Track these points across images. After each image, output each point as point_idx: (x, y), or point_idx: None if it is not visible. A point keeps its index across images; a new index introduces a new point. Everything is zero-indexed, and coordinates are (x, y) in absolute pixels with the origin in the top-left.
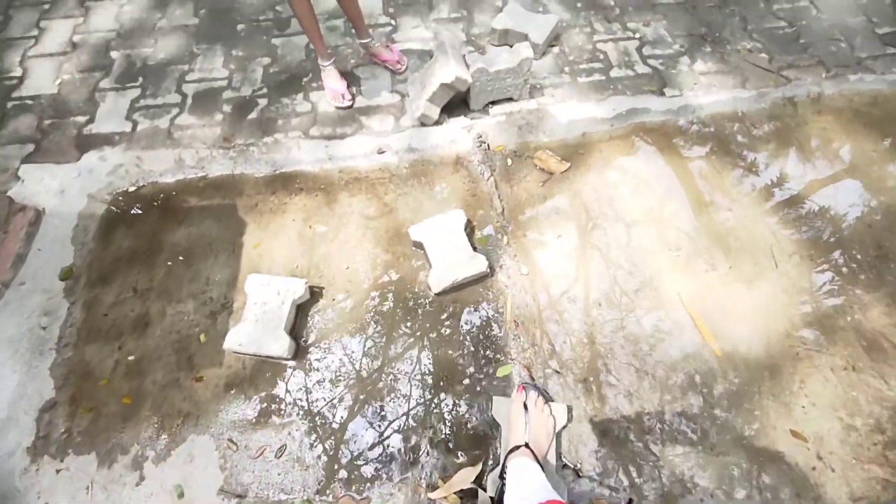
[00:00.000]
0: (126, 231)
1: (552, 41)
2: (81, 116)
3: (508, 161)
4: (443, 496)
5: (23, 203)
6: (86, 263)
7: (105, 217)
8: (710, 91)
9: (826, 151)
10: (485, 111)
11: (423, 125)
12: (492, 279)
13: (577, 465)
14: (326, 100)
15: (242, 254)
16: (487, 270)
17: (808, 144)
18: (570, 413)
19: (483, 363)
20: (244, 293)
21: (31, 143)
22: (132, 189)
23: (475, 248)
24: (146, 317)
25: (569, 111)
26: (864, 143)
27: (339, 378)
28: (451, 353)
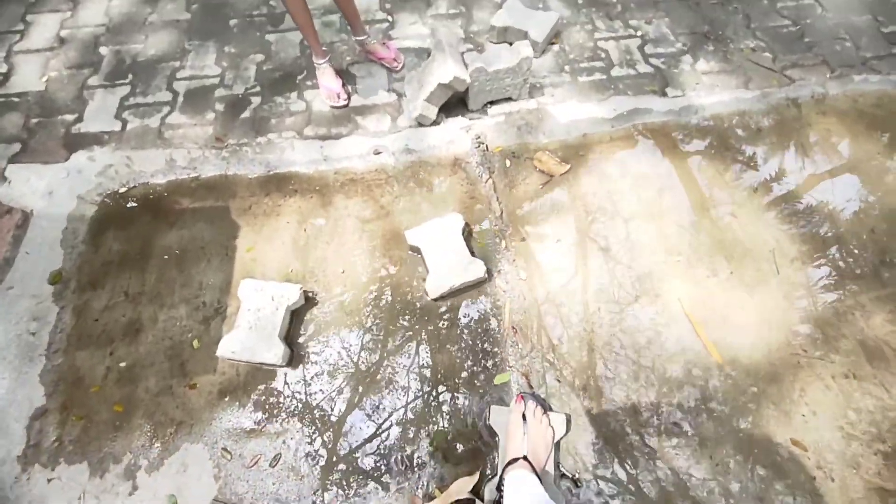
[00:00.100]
0: (116, 234)
1: (552, 39)
2: (69, 115)
3: (507, 162)
4: None
5: (9, 205)
6: (75, 267)
7: (95, 219)
8: (713, 91)
9: (829, 153)
10: (483, 111)
11: (421, 125)
12: (490, 284)
13: (576, 475)
14: (321, 99)
15: (236, 257)
16: (485, 276)
17: (811, 146)
18: (569, 423)
19: (481, 370)
20: (237, 298)
21: (18, 143)
22: (122, 190)
23: (473, 253)
24: (138, 322)
25: (569, 111)
26: (867, 145)
27: (335, 385)
28: (449, 360)
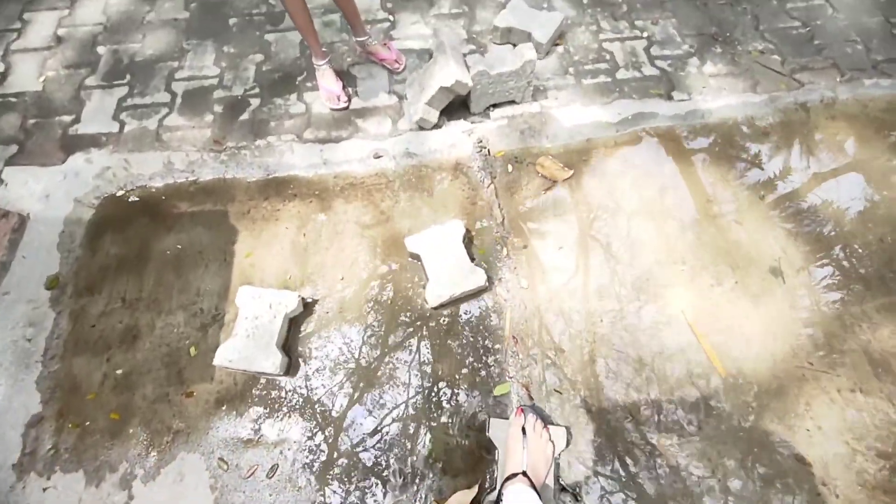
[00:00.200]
0: (114, 238)
1: (557, 40)
2: (67, 116)
3: (509, 167)
4: None
5: (6, 208)
6: (72, 272)
7: (92, 223)
8: (720, 95)
9: (836, 157)
10: (485, 114)
11: (422, 129)
12: (491, 293)
13: (576, 489)
14: (321, 101)
15: (234, 263)
16: (486, 284)
17: (819, 152)
18: (570, 436)
19: (480, 381)
20: (235, 305)
21: (15, 144)
22: (120, 193)
23: (473, 260)
24: (135, 329)
25: (573, 115)
26: (877, 151)
27: (333, 394)
28: (448, 370)
